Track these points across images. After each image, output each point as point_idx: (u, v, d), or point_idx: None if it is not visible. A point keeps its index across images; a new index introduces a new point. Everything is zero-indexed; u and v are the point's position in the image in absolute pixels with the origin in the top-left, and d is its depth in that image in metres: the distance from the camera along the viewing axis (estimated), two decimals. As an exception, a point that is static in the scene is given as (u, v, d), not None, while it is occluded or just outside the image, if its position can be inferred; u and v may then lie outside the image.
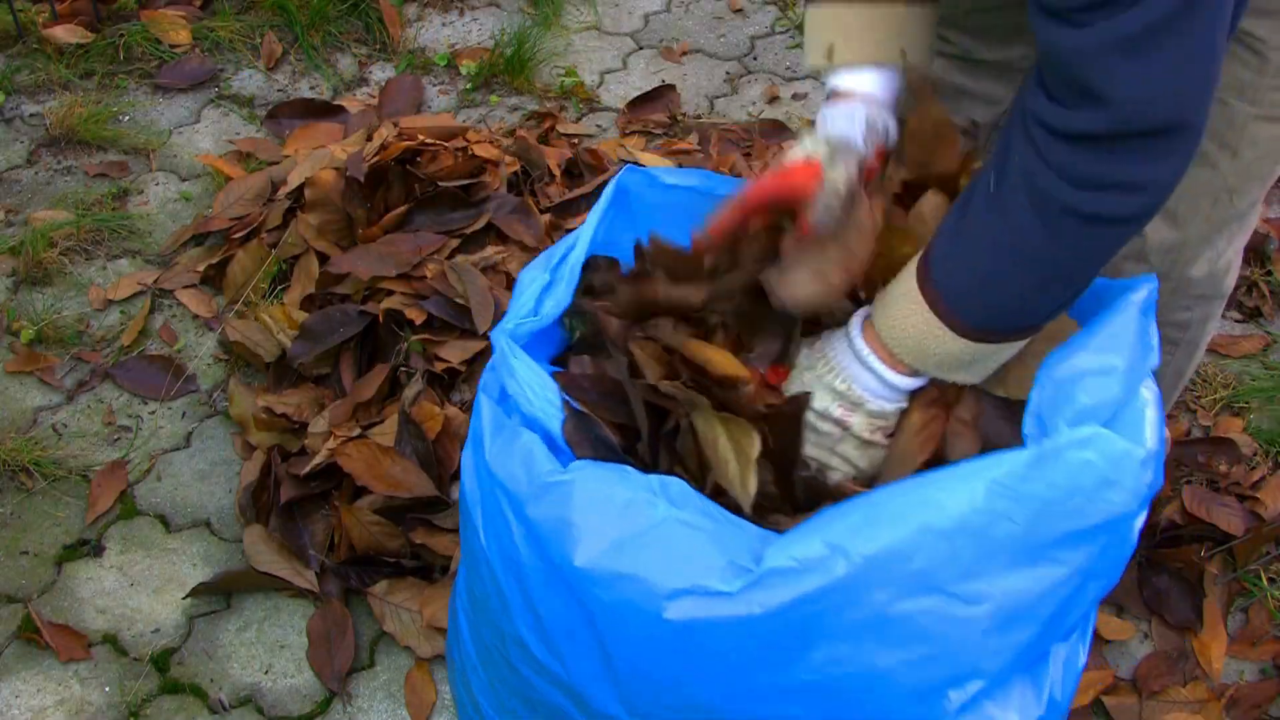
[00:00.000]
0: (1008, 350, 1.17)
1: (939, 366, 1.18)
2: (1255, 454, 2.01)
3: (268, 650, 1.77)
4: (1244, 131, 1.42)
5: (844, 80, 1.29)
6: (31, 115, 2.57)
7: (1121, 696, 1.73)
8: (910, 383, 1.21)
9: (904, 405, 1.23)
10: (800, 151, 1.22)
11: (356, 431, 1.84)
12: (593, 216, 1.31)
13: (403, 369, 1.92)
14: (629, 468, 1.13)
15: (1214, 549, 1.87)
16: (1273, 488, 1.95)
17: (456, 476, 1.82)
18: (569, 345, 1.34)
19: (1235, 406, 2.10)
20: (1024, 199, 1.04)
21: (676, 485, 1.11)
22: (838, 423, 1.22)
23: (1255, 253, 2.35)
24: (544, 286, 1.26)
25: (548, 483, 1.14)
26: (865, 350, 1.21)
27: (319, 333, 1.99)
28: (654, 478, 1.11)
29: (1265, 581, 1.86)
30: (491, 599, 1.31)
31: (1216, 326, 1.68)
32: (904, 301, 1.17)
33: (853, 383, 1.22)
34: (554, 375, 1.22)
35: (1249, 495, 1.93)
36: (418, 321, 1.93)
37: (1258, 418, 2.08)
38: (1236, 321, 2.26)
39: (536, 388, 1.18)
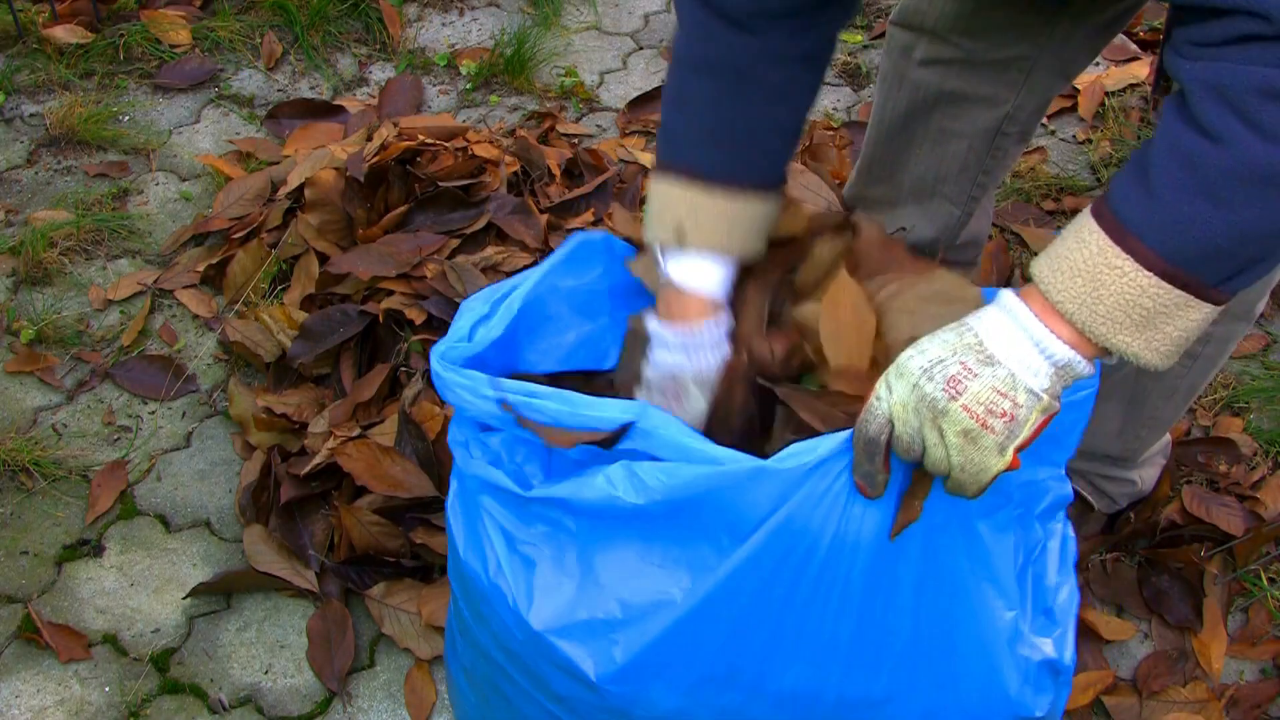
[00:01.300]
0: (1192, 316, 0.99)
1: (1110, 317, 0.99)
2: (1255, 454, 2.01)
3: (268, 650, 1.77)
4: None
5: (686, 272, 1.24)
6: (31, 115, 2.57)
7: (1121, 696, 1.73)
8: (1071, 357, 1.01)
9: (1055, 402, 1.02)
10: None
11: (356, 431, 1.84)
12: (542, 266, 1.33)
13: (403, 369, 1.92)
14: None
15: (1214, 549, 1.87)
16: (1273, 488, 1.94)
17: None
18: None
19: (1235, 406, 2.10)
20: (1213, 101, 0.92)
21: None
22: (947, 390, 1.01)
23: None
24: (481, 317, 1.28)
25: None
26: (1015, 304, 1.02)
27: (319, 333, 1.99)
28: (618, 468, 1.12)
29: (1265, 581, 1.86)
30: (474, 617, 1.32)
31: (1232, 350, 1.66)
32: (1072, 237, 1.00)
33: (988, 339, 1.02)
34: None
35: (1249, 495, 1.93)
36: (418, 321, 1.93)
37: (1258, 418, 2.08)
38: (1236, 321, 2.26)
39: (473, 390, 1.19)
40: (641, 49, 2.85)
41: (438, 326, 1.95)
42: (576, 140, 2.53)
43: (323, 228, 2.14)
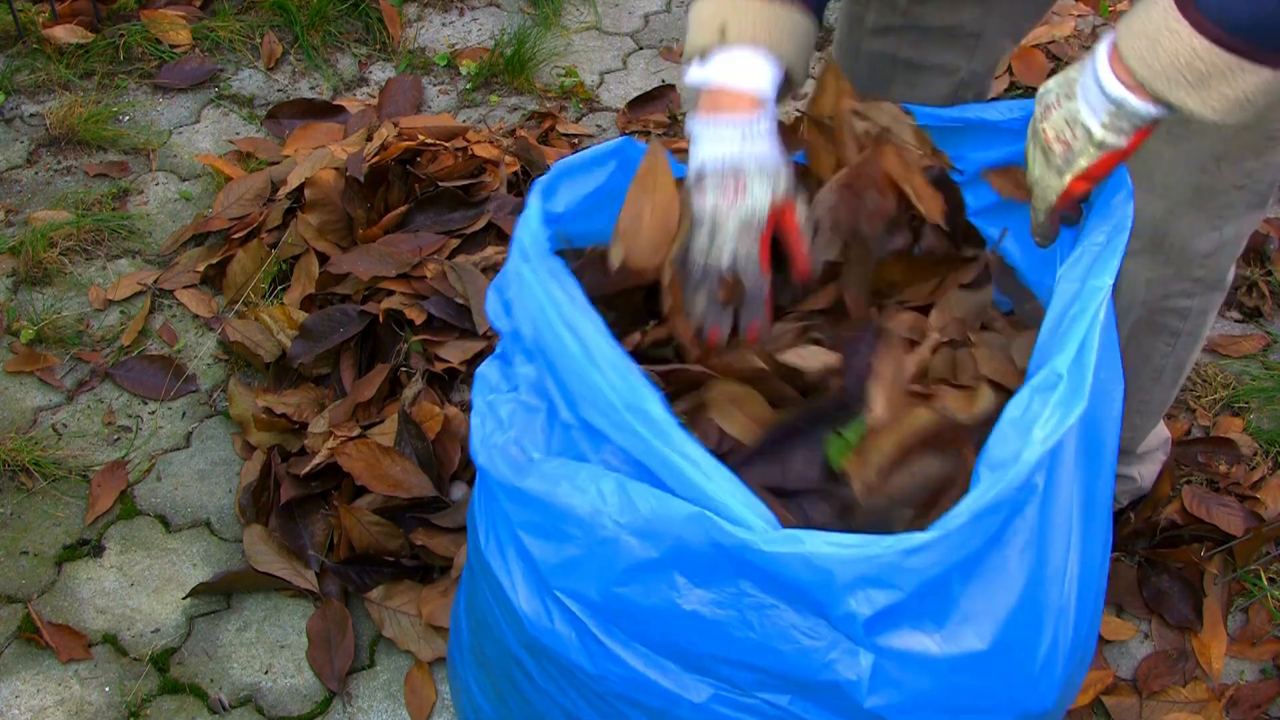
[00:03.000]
0: (1247, 79, 1.06)
1: (1165, 75, 1.07)
2: (1255, 454, 2.01)
3: (268, 650, 1.77)
4: None
5: (731, 70, 1.21)
6: (31, 115, 2.57)
7: (1121, 696, 1.73)
8: (1124, 96, 1.11)
9: (1117, 140, 1.14)
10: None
11: (356, 431, 1.84)
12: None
13: (403, 369, 1.92)
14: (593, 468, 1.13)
15: (1214, 549, 1.87)
16: (1273, 488, 1.94)
17: (456, 476, 1.82)
18: None
19: (1235, 406, 2.10)
20: None
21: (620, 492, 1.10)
22: (1043, 116, 1.18)
23: (1255, 253, 2.35)
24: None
25: (518, 488, 1.17)
26: (1100, 50, 1.14)
27: (319, 333, 1.99)
28: (610, 481, 1.11)
29: (1265, 581, 1.86)
30: (490, 615, 1.32)
31: (1214, 321, 1.68)
32: (1148, 2, 1.09)
33: (1081, 75, 1.15)
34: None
35: (1249, 495, 1.93)
36: (418, 321, 1.93)
37: (1258, 418, 2.08)
38: (1236, 321, 2.26)
39: (537, 239, 1.16)
40: (641, 49, 2.85)
41: (438, 327, 1.95)
42: (577, 140, 2.53)
43: (323, 228, 2.14)
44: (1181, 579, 1.85)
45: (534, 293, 1.14)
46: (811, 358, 1.23)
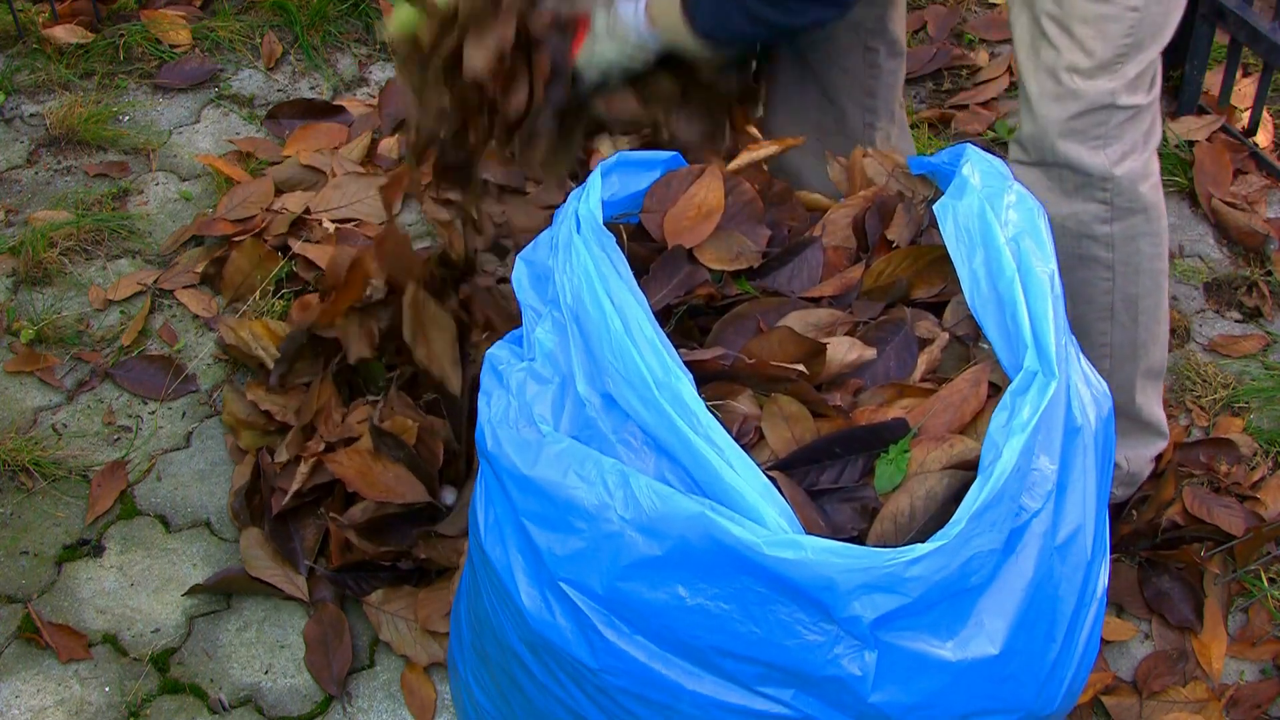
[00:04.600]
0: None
1: (666, 31, 1.51)
2: (1255, 454, 2.01)
3: (267, 650, 1.77)
4: (1073, 8, 1.48)
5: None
6: (31, 115, 2.57)
7: (1121, 696, 1.73)
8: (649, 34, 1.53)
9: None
10: None
11: (323, 446, 1.81)
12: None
13: (370, 400, 1.89)
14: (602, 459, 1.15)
15: (1214, 549, 1.87)
16: (1273, 488, 1.94)
17: (445, 476, 1.80)
18: None
19: (1235, 406, 2.10)
20: None
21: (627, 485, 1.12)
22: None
23: (1255, 253, 2.35)
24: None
25: (525, 475, 1.17)
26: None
27: (294, 354, 1.95)
28: (616, 475, 1.12)
29: (1265, 581, 1.86)
30: (491, 611, 1.31)
31: (1155, 251, 1.67)
32: None
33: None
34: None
35: (1249, 495, 1.93)
36: (366, 353, 1.87)
37: (1258, 418, 2.08)
38: (1236, 322, 2.26)
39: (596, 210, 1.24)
40: (641, 49, 2.85)
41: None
42: (576, 140, 2.53)
43: None
44: (1182, 579, 1.85)
45: (584, 263, 1.17)
46: (847, 350, 1.28)
